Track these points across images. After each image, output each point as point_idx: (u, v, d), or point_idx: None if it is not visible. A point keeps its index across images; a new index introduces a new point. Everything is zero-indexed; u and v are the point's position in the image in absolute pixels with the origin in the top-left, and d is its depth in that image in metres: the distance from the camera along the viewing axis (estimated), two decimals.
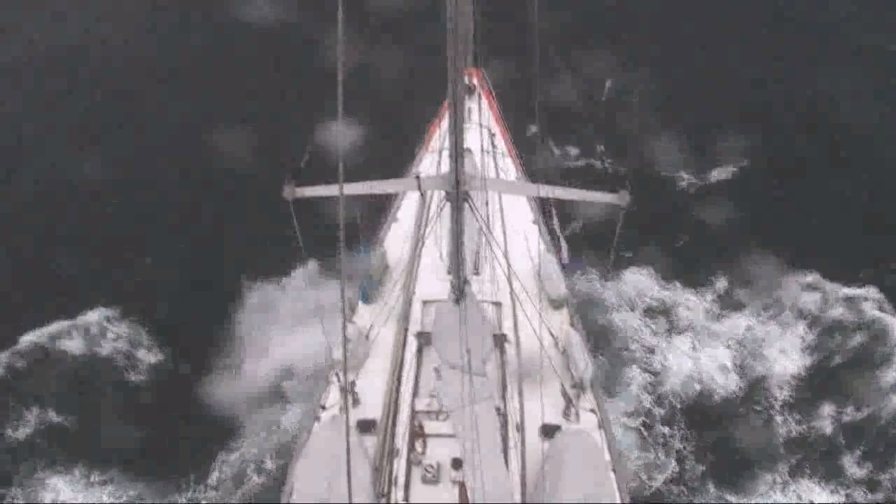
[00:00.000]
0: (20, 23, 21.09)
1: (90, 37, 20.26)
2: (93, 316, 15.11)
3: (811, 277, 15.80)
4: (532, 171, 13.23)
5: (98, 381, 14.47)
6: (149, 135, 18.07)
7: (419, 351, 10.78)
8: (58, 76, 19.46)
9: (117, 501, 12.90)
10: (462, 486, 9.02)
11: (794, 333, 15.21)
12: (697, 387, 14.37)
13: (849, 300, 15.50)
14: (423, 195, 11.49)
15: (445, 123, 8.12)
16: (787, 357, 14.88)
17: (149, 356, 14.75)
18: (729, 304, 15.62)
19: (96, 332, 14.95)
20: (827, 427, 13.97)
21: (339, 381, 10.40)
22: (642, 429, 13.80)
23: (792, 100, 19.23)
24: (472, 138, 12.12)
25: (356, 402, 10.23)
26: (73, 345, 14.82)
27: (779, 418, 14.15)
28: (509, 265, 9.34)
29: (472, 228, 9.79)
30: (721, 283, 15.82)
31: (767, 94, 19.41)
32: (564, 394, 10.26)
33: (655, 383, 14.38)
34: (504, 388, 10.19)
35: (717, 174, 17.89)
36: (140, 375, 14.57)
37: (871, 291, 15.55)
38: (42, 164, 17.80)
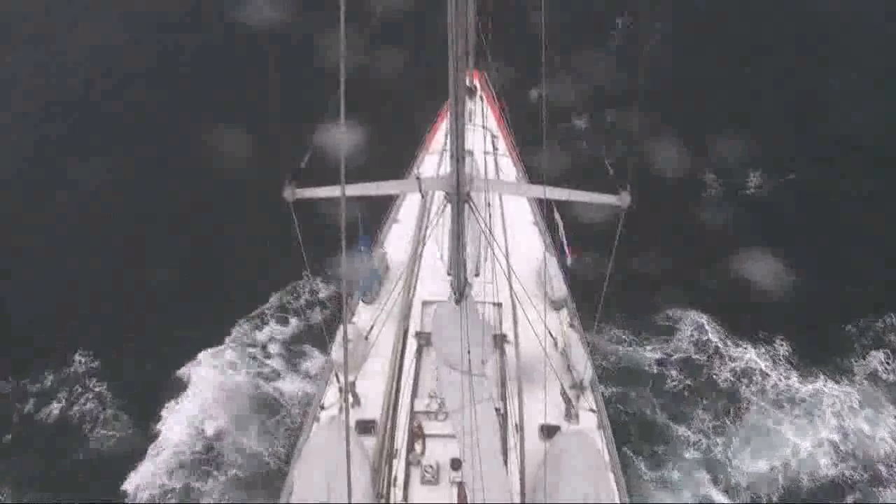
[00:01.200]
0: (20, 22, 21.10)
1: (90, 36, 20.25)
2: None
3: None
4: (533, 173, 13.23)
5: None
6: (149, 135, 18.07)
7: (419, 351, 10.78)
8: (58, 76, 19.46)
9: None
10: (461, 486, 9.03)
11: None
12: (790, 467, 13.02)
13: None
14: (423, 196, 11.49)
15: (446, 124, 8.12)
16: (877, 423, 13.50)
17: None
18: (799, 365, 14.33)
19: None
20: None
21: (338, 381, 10.41)
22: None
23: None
24: (474, 139, 12.12)
25: (356, 402, 10.24)
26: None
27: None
28: (510, 266, 9.33)
29: (473, 229, 9.79)
30: (785, 342, 14.53)
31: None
32: (564, 394, 10.26)
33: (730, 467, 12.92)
34: (504, 388, 10.19)
35: (746, 198, 17.12)
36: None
37: None
38: (42, 165, 17.80)
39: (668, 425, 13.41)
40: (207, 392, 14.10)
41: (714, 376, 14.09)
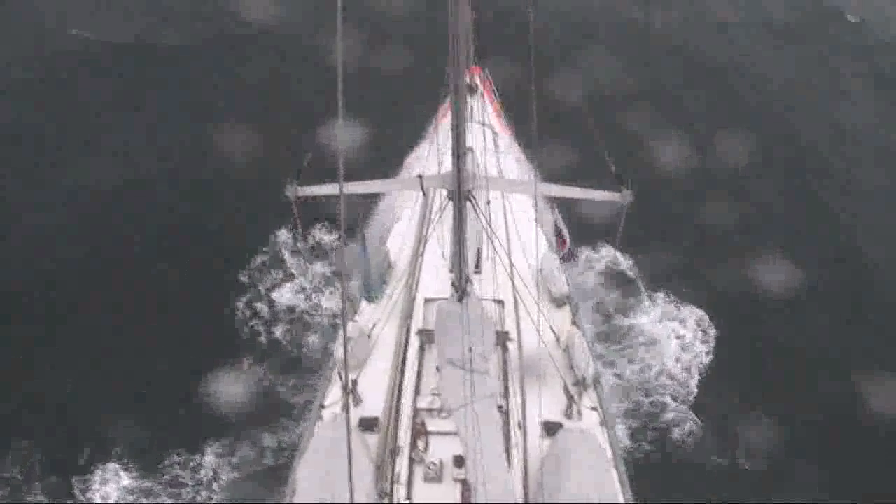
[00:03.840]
0: (21, 21, 21.11)
1: (89, 34, 20.25)
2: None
3: None
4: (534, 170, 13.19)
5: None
6: (149, 135, 18.07)
7: (421, 349, 10.79)
8: (57, 75, 19.45)
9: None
10: (464, 484, 9.04)
11: None
12: None
13: None
14: (425, 194, 11.50)
15: (447, 122, 8.13)
16: None
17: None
18: None
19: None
20: None
21: (341, 379, 10.42)
22: None
23: None
24: (474, 137, 12.14)
25: (358, 400, 10.25)
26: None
27: None
28: (511, 263, 9.35)
29: (475, 227, 9.82)
30: None
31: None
32: (566, 392, 10.27)
33: None
34: (506, 385, 10.20)
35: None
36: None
37: None
38: (41, 165, 17.78)
39: None
40: None
41: None
